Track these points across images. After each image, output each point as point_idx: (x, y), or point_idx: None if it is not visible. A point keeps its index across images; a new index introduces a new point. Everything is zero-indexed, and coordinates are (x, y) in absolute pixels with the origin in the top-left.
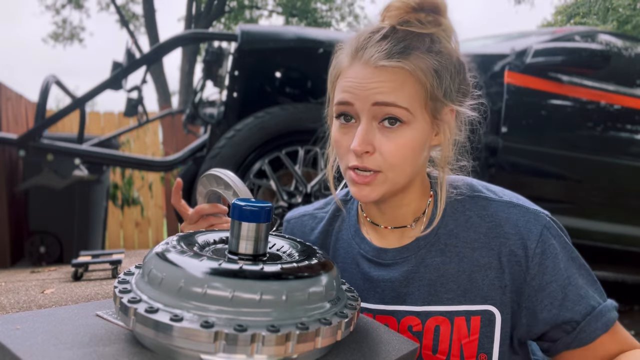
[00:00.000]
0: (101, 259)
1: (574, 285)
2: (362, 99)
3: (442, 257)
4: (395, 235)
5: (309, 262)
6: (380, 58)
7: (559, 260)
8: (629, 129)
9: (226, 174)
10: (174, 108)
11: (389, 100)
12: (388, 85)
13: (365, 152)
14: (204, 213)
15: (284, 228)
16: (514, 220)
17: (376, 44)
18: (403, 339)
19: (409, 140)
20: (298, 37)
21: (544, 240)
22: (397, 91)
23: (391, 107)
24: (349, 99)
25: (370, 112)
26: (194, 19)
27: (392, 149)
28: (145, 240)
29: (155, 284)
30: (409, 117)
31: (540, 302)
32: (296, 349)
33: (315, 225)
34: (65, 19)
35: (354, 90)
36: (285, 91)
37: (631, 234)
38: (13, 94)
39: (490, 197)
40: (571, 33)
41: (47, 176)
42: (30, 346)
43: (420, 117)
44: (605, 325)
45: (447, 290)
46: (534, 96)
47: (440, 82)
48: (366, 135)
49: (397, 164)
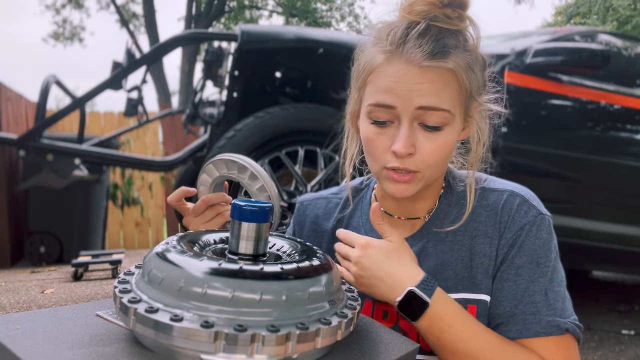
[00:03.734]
0: (101, 259)
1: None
2: (405, 101)
3: (442, 246)
4: (407, 226)
5: (309, 262)
6: (424, 58)
7: (537, 255)
8: (629, 129)
9: (240, 157)
10: (174, 108)
11: (433, 105)
12: (433, 86)
13: (408, 155)
14: (211, 202)
15: (296, 209)
16: (510, 208)
17: (416, 40)
18: (403, 339)
19: (449, 140)
20: (298, 37)
21: (531, 230)
22: (440, 93)
23: (436, 111)
24: (391, 101)
25: (413, 115)
26: (194, 19)
27: (432, 149)
28: (145, 240)
29: (155, 284)
30: (449, 119)
31: (502, 289)
32: (296, 349)
33: (329, 209)
34: (66, 19)
35: (397, 91)
36: (285, 91)
37: (631, 233)
38: (13, 94)
39: (492, 188)
40: (571, 33)
41: (47, 176)
42: (30, 346)
43: (458, 116)
44: (546, 331)
45: (444, 278)
46: (534, 96)
47: (474, 80)
48: (409, 137)
49: (435, 164)
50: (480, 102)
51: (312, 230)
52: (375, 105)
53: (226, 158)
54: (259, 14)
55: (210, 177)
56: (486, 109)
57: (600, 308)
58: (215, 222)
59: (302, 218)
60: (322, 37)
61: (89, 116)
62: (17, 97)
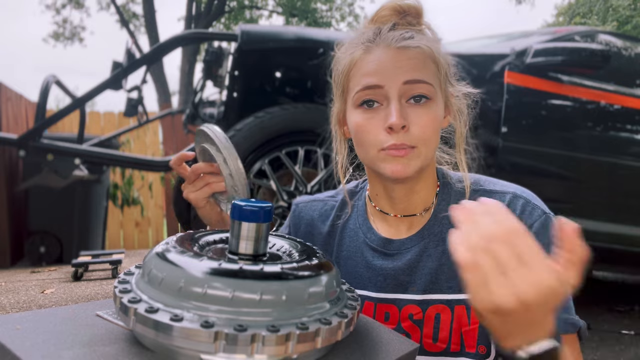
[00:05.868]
0: (101, 259)
1: None
2: (392, 79)
3: (443, 246)
4: (405, 224)
5: (309, 262)
6: (400, 40)
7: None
8: (629, 129)
9: (211, 128)
10: (174, 108)
11: (419, 77)
12: (414, 62)
13: (402, 128)
14: (200, 172)
15: (292, 210)
16: (513, 210)
17: (388, 32)
18: (403, 339)
19: (436, 115)
20: (298, 37)
21: (537, 229)
22: (422, 69)
23: (421, 84)
24: (378, 81)
25: (400, 91)
26: (194, 19)
27: (424, 123)
28: (145, 240)
29: (155, 284)
30: (433, 92)
31: None
32: (296, 349)
33: (325, 212)
34: (66, 19)
35: (382, 71)
36: (285, 91)
37: (631, 234)
38: (13, 94)
39: (492, 190)
40: (571, 33)
41: (47, 176)
42: (30, 346)
43: (439, 93)
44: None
45: (447, 278)
46: (534, 96)
47: (445, 63)
48: (402, 111)
49: (429, 138)
50: (456, 90)
51: (307, 233)
52: (363, 89)
53: (201, 128)
54: (259, 14)
55: (197, 146)
56: (462, 96)
57: (600, 308)
58: (203, 192)
59: (297, 220)
60: (322, 37)
61: (89, 116)
62: (17, 97)
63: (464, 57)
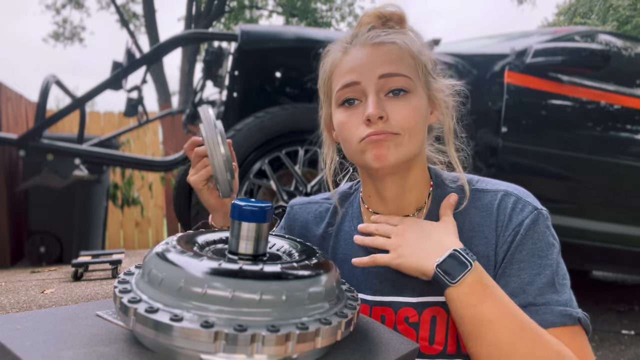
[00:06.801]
0: (101, 259)
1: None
2: (367, 74)
3: None
4: None
5: (309, 262)
6: (374, 38)
7: (538, 248)
8: (629, 129)
9: (203, 109)
10: (174, 108)
11: (394, 71)
12: (389, 57)
13: (379, 118)
14: (200, 154)
15: (287, 212)
16: (505, 207)
17: (366, 33)
18: (403, 339)
19: (417, 106)
20: (298, 37)
21: (528, 225)
22: (397, 62)
23: (396, 77)
24: (355, 77)
25: (377, 86)
26: (194, 19)
27: (404, 113)
28: (145, 240)
29: (155, 284)
30: (412, 85)
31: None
32: (296, 349)
33: (320, 214)
34: (66, 19)
35: (358, 68)
36: (285, 91)
37: (631, 234)
38: (13, 94)
39: (484, 189)
40: (571, 33)
41: (47, 176)
42: (30, 346)
43: (419, 87)
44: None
45: None
46: (534, 96)
47: (425, 56)
48: (378, 103)
49: (411, 127)
50: (440, 84)
51: (301, 235)
52: (342, 88)
53: (199, 110)
54: (259, 14)
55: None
56: (449, 91)
57: (600, 308)
58: (200, 175)
59: (291, 222)
60: (323, 37)
61: (89, 116)
62: (17, 97)
63: (464, 57)
